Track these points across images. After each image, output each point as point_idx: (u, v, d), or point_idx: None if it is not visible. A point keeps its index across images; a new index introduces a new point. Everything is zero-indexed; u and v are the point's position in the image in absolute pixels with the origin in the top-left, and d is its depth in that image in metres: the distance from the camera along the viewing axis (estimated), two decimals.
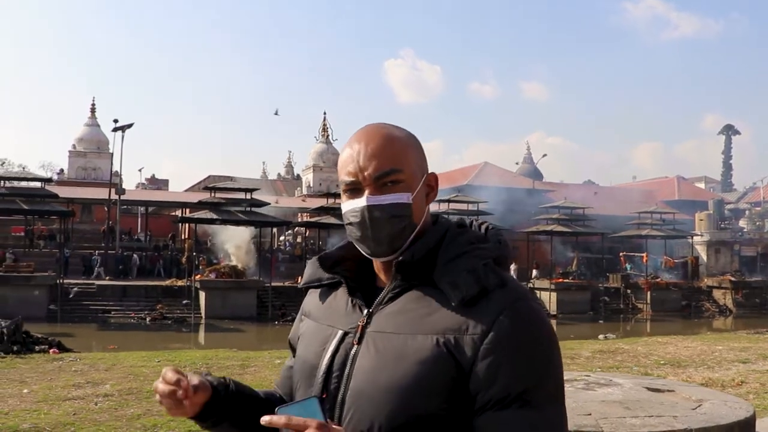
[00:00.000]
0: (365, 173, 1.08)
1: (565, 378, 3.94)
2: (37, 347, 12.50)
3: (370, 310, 1.11)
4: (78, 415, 6.34)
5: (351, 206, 1.10)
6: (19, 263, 26.47)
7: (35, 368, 9.50)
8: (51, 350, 12.32)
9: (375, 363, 1.04)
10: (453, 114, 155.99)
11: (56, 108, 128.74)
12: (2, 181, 26.91)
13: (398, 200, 1.08)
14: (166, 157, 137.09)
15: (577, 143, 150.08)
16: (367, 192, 1.08)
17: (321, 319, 1.19)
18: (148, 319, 23.48)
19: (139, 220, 42.57)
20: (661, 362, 10.27)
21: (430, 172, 1.16)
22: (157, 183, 63.39)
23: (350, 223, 1.11)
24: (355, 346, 1.09)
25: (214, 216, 23.71)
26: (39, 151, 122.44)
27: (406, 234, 1.10)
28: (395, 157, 1.09)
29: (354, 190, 1.10)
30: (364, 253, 1.13)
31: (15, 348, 11.89)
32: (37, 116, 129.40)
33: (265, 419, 0.92)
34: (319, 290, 1.24)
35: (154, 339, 19.17)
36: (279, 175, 64.21)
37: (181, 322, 23.56)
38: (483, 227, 1.18)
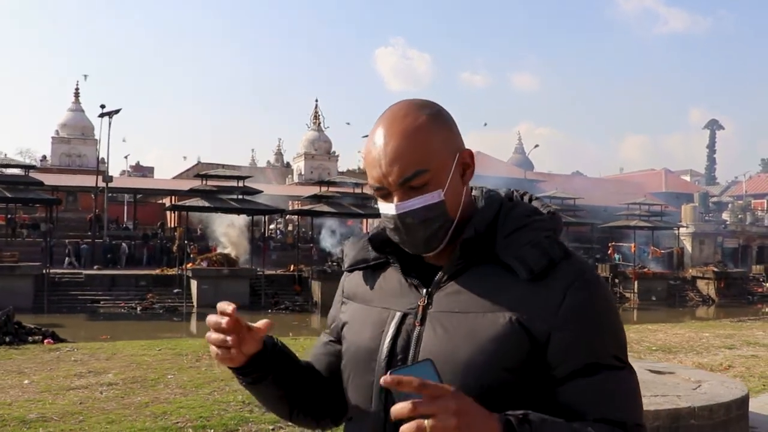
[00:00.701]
0: (389, 179, 1.04)
1: None
2: (30, 338, 12.34)
3: (429, 290, 1.08)
4: (84, 404, 6.28)
5: (384, 211, 1.08)
6: (2, 253, 26.09)
7: (32, 359, 9.40)
8: (45, 341, 12.14)
9: (444, 344, 1.02)
10: (443, 103, 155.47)
11: (33, 93, 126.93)
12: None
13: (428, 202, 1.04)
14: (151, 144, 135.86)
15: (565, 134, 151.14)
16: (395, 198, 1.05)
17: (372, 302, 1.16)
18: (138, 309, 23.32)
19: (126, 208, 42.10)
20: (653, 348, 10.52)
21: (464, 149, 1.09)
22: (141, 170, 62.56)
23: (388, 229, 1.09)
24: (418, 327, 1.06)
25: (207, 204, 23.47)
26: (15, 137, 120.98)
27: (441, 234, 1.07)
28: (418, 155, 1.03)
29: (383, 195, 1.07)
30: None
31: (7, 339, 11.72)
32: (12, 101, 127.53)
33: (387, 379, 0.82)
34: (362, 272, 1.21)
35: (146, 328, 19.05)
36: (268, 162, 63.62)
37: (172, 311, 23.41)
38: (526, 198, 1.16)
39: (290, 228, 38.72)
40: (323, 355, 1.25)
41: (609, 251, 35.47)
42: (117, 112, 31.76)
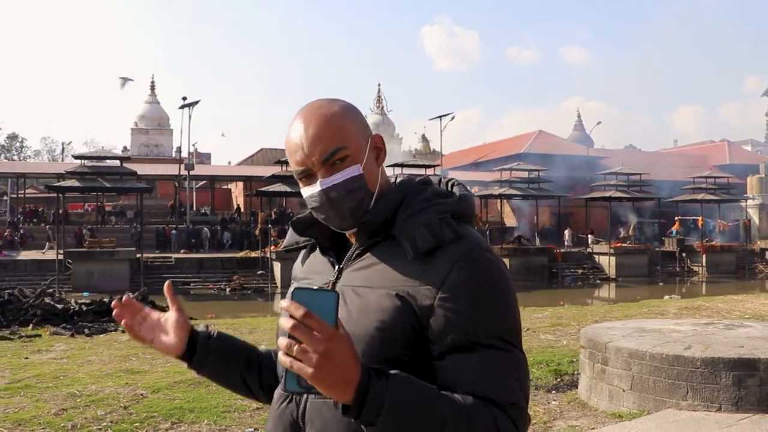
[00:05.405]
0: (312, 159, 1.11)
1: (704, 322, 5.36)
2: None
3: (341, 267, 1.18)
4: None
5: (309, 192, 1.15)
6: (101, 239, 27.68)
7: None
8: None
9: (345, 315, 1.05)
10: (492, 80, 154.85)
11: (96, 86, 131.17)
12: (82, 160, 27.84)
13: (349, 175, 1.12)
14: (206, 130, 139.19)
15: (616, 108, 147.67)
16: (319, 176, 1.12)
17: (303, 280, 1.26)
18: (228, 290, 24.61)
19: (194, 194, 43.93)
20: (746, 316, 10.89)
21: (374, 134, 1.19)
22: (200, 157, 64.26)
23: (313, 208, 1.16)
24: None
25: (289, 189, 24.65)
26: (78, 128, 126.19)
27: (366, 203, 1.14)
28: (336, 135, 1.11)
29: (307, 176, 1.14)
30: (334, 229, 1.19)
31: None
32: (75, 93, 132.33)
33: (283, 305, 0.88)
34: (302, 253, 1.31)
35: (241, 308, 20.38)
36: None
37: (259, 291, 24.65)
38: (449, 184, 1.23)
39: None
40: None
41: (674, 225, 35.42)
42: (196, 103, 33.19)
